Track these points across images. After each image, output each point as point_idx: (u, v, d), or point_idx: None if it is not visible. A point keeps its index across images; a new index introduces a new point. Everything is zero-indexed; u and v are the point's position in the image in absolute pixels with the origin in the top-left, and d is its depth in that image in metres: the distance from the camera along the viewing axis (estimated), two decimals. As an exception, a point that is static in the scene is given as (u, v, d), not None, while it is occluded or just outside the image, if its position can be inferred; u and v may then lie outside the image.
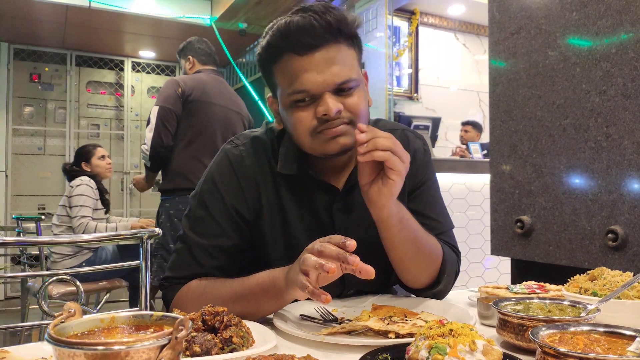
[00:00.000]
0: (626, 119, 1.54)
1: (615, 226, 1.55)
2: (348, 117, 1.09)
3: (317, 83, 1.06)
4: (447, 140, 6.09)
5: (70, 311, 0.59)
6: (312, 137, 1.10)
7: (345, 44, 1.10)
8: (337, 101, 1.07)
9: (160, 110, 3.01)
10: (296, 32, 1.05)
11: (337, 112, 1.07)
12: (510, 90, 1.90)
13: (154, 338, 0.53)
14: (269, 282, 1.03)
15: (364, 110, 1.13)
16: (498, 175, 1.96)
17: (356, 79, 1.11)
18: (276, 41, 1.09)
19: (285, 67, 1.09)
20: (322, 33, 1.06)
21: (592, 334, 0.73)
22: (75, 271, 1.50)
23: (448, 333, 0.70)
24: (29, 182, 6.43)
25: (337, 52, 1.08)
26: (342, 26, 1.08)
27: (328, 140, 1.09)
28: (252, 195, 1.19)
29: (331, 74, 1.06)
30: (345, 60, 1.09)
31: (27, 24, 5.68)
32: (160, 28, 5.85)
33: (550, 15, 1.77)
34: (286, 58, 1.08)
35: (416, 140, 1.34)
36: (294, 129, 1.11)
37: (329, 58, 1.07)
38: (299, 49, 1.06)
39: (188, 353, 0.78)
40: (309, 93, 1.07)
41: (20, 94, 6.44)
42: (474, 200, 3.66)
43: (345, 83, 1.08)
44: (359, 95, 1.12)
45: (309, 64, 1.06)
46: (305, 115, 1.09)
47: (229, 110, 3.14)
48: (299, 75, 1.07)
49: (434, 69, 6.16)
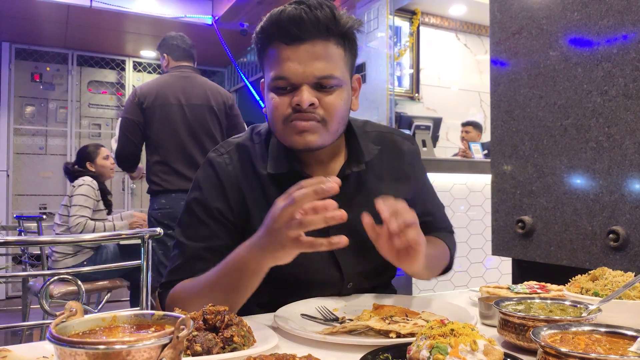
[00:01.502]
0: (628, 119, 1.54)
1: (617, 226, 1.55)
2: (321, 115, 1.11)
3: (298, 74, 1.09)
4: (449, 140, 6.09)
5: (72, 310, 0.59)
6: (284, 125, 1.13)
7: (334, 43, 1.12)
8: (313, 95, 1.10)
9: (122, 121, 3.12)
10: (286, 21, 1.09)
11: (310, 104, 1.09)
12: (512, 91, 1.90)
13: (155, 337, 0.53)
14: (236, 258, 1.04)
15: (340, 112, 1.14)
16: (499, 176, 1.96)
17: (339, 78, 1.12)
18: (267, 27, 1.13)
19: (273, 53, 1.13)
20: (309, 27, 1.08)
21: (594, 334, 0.73)
22: (77, 270, 1.50)
23: (449, 333, 0.70)
24: (31, 182, 6.43)
25: (323, 48, 1.10)
26: (331, 24, 1.10)
27: (296, 132, 1.12)
28: (236, 199, 1.20)
29: (312, 67, 1.09)
30: (330, 58, 1.11)
31: (28, 23, 5.68)
32: (162, 28, 5.83)
33: (552, 15, 1.76)
34: (275, 45, 1.12)
35: (404, 142, 1.37)
36: (271, 113, 1.15)
37: (314, 52, 1.10)
38: (286, 38, 1.10)
39: (189, 352, 0.78)
40: (289, 81, 1.10)
41: (22, 94, 6.44)
42: (475, 200, 3.66)
43: (325, 79, 1.10)
44: (338, 95, 1.13)
45: (294, 54, 1.10)
46: (282, 103, 1.12)
47: (193, 105, 3.08)
48: (283, 63, 1.10)
49: (435, 69, 6.15)
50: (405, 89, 5.96)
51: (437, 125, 4.55)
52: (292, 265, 1.01)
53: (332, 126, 1.14)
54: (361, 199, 1.22)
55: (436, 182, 3.47)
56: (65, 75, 6.70)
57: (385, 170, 1.29)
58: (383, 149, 1.29)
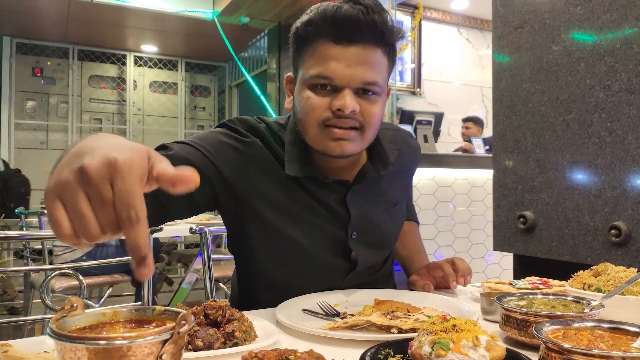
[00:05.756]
0: (630, 114, 1.53)
1: (619, 222, 1.55)
2: (360, 123, 1.09)
3: (344, 75, 1.05)
4: (450, 135, 6.09)
5: (73, 305, 0.58)
6: (320, 128, 1.09)
7: (382, 50, 1.09)
8: (355, 101, 1.06)
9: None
10: (341, 19, 1.04)
11: (352, 111, 1.05)
12: (514, 85, 1.89)
13: (156, 333, 0.52)
14: None
15: (377, 121, 1.13)
16: (501, 171, 1.95)
17: (382, 86, 1.10)
18: (318, 22, 1.07)
19: (318, 49, 1.07)
20: (364, 30, 1.04)
21: (596, 330, 0.73)
22: (78, 265, 1.50)
23: (451, 328, 0.69)
24: (32, 177, 6.42)
25: (373, 53, 1.07)
26: (386, 30, 1.07)
27: (332, 139, 1.08)
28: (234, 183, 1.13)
29: (359, 71, 1.05)
30: (377, 65, 1.08)
31: (29, 18, 5.68)
32: (163, 22, 5.84)
33: (555, 9, 1.75)
34: (322, 41, 1.07)
35: (410, 139, 1.43)
36: (305, 113, 1.10)
37: (363, 56, 1.06)
38: (336, 37, 1.05)
39: (190, 347, 0.78)
40: (332, 82, 1.06)
41: (23, 88, 6.44)
42: (477, 195, 3.66)
43: (370, 85, 1.07)
44: (378, 105, 1.11)
45: (342, 54, 1.05)
46: (320, 103, 1.07)
47: None
48: (329, 61, 1.05)
49: (436, 64, 6.14)
50: (407, 84, 5.95)
51: (438, 120, 4.54)
52: (304, 248, 1.16)
53: (368, 135, 1.12)
54: (379, 197, 1.27)
55: (437, 178, 3.50)
56: (66, 69, 6.70)
57: (399, 168, 1.32)
58: (401, 150, 1.32)
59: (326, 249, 1.21)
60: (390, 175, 1.29)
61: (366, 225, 1.24)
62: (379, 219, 1.26)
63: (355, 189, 1.21)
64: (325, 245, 1.21)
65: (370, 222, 1.24)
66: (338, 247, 1.22)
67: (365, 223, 1.23)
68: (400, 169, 1.33)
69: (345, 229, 1.21)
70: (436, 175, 3.46)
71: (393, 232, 1.35)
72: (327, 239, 1.21)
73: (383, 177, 1.26)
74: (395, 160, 1.27)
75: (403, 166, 1.35)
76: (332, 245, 1.22)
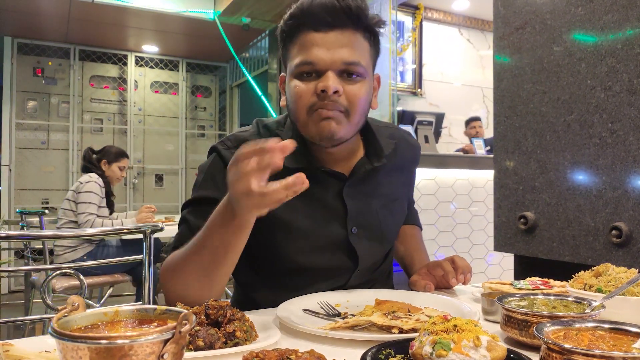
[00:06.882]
0: (631, 115, 1.53)
1: (620, 223, 1.55)
2: (345, 106, 1.11)
3: (325, 59, 1.09)
4: (451, 136, 6.08)
5: (74, 305, 0.59)
6: (308, 114, 1.12)
7: (361, 34, 1.14)
8: (338, 83, 1.10)
9: None
10: (317, 8, 1.10)
11: (335, 91, 1.08)
12: (515, 86, 1.89)
13: (157, 332, 0.52)
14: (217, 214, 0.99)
15: (362, 103, 1.14)
16: (502, 171, 1.95)
17: (364, 67, 1.13)
18: (297, 14, 1.13)
19: (300, 39, 1.12)
20: (340, 14, 1.09)
21: (597, 331, 0.73)
22: (79, 265, 1.50)
23: (452, 329, 0.69)
24: (33, 177, 6.44)
25: (352, 37, 1.12)
26: (362, 14, 1.12)
27: (320, 119, 1.11)
28: None
29: (340, 53, 1.09)
30: (358, 47, 1.12)
31: (30, 18, 5.67)
32: (164, 22, 5.83)
33: (556, 10, 1.75)
34: (304, 32, 1.12)
35: (410, 138, 1.45)
36: (294, 102, 1.13)
37: (342, 39, 1.10)
38: (316, 25, 1.10)
39: (191, 347, 0.78)
40: (315, 67, 1.10)
41: (24, 88, 6.44)
42: (478, 196, 3.66)
43: (352, 65, 1.10)
44: (362, 86, 1.13)
45: (322, 40, 1.10)
46: (306, 89, 1.11)
47: None
48: (310, 48, 1.10)
49: (437, 65, 6.13)
50: (408, 84, 5.95)
51: (439, 120, 4.54)
52: (308, 250, 1.18)
53: (354, 118, 1.14)
54: (376, 191, 1.28)
55: (438, 178, 3.49)
56: (67, 69, 6.69)
57: (397, 163, 1.33)
58: (398, 144, 1.33)
59: (328, 248, 1.22)
60: (388, 170, 1.29)
61: (365, 219, 1.24)
62: (378, 213, 1.27)
63: (352, 183, 1.23)
64: (326, 244, 1.21)
65: (369, 216, 1.25)
66: (340, 245, 1.22)
67: (365, 217, 1.24)
68: (398, 164, 1.33)
69: (345, 225, 1.22)
70: (437, 176, 3.46)
71: (393, 227, 1.35)
72: (329, 237, 1.21)
73: (380, 171, 1.27)
74: (391, 154, 1.28)
75: (401, 161, 1.35)
76: (334, 244, 1.22)
